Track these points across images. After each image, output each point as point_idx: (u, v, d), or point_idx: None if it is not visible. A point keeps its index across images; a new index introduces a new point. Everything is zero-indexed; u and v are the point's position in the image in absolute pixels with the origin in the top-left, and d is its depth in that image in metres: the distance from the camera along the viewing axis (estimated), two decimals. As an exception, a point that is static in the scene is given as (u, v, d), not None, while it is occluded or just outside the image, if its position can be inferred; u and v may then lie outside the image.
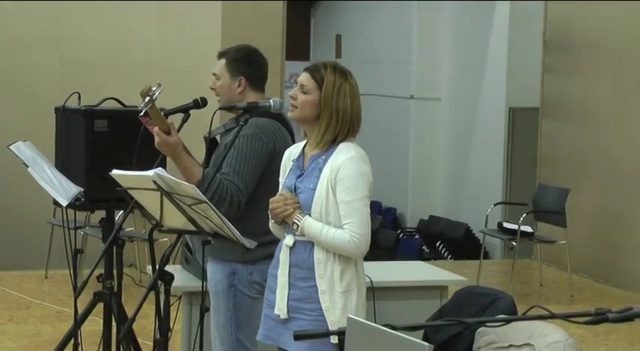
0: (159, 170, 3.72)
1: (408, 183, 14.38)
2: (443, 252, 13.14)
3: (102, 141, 4.72)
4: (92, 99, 4.92)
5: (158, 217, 3.89)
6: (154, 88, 4.07)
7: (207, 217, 3.75)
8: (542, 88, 10.88)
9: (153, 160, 4.17)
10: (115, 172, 3.93)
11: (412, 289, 5.48)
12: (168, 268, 3.98)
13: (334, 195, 3.77)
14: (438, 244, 13.27)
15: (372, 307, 4.78)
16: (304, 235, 3.81)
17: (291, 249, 3.86)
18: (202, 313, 4.10)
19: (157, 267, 3.92)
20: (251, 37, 5.44)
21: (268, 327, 3.96)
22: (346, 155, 3.80)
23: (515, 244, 9.17)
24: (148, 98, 4.05)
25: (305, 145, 3.97)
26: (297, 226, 3.80)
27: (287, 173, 3.97)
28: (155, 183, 3.70)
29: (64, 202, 4.60)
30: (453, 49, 13.95)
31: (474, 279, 8.73)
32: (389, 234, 13.43)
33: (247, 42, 4.68)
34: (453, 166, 13.93)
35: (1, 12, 9.58)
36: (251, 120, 4.26)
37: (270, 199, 3.90)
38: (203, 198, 3.67)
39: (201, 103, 4.27)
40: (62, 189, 4.65)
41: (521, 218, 9.08)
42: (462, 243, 12.89)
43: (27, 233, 9.41)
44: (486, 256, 11.15)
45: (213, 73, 4.54)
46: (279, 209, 3.83)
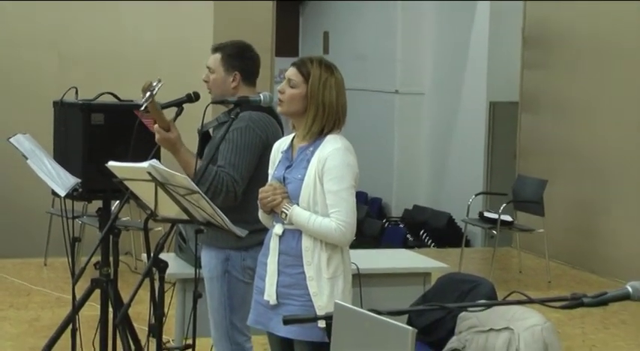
0: (153, 162, 3.72)
1: (392, 174, 14.38)
2: (426, 240, 13.14)
3: (98, 134, 4.71)
4: (89, 94, 4.91)
5: (153, 207, 3.90)
6: (155, 84, 4.06)
7: (199, 207, 3.75)
8: (522, 83, 10.90)
9: (148, 152, 4.16)
10: (111, 163, 3.93)
11: (397, 275, 5.49)
12: (163, 255, 3.98)
13: (321, 185, 3.77)
14: (421, 232, 13.26)
15: (358, 293, 4.79)
16: (292, 224, 3.81)
17: (281, 237, 3.85)
18: (195, 299, 4.10)
19: (152, 255, 3.92)
20: (242, 35, 5.41)
21: (258, 312, 3.95)
22: (333, 146, 3.80)
23: (495, 232, 9.18)
24: (148, 93, 4.04)
25: (293, 137, 3.97)
26: (286, 214, 3.80)
27: (276, 164, 3.97)
28: (150, 174, 3.70)
29: (62, 193, 4.59)
30: (436, 46, 13.95)
31: (455, 266, 8.74)
32: (374, 223, 13.42)
33: (239, 39, 4.67)
34: (436, 157, 13.93)
35: (1, 10, 9.55)
36: (244, 113, 4.26)
37: (260, 189, 3.90)
38: (196, 188, 3.67)
39: (194, 97, 4.26)
40: (60, 180, 4.64)
41: (501, 208, 9.10)
42: (445, 232, 12.89)
43: (27, 223, 9.40)
44: (468, 244, 11.16)
45: (208, 67, 4.53)
46: (269, 199, 3.83)
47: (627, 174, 9.22)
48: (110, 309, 4.58)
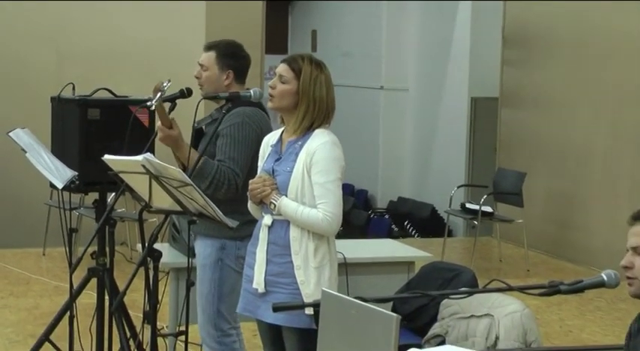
0: (147, 155, 3.71)
1: (378, 167, 14.37)
2: (410, 230, 13.14)
3: (95, 128, 4.71)
4: (86, 90, 4.91)
5: (147, 199, 3.89)
6: (165, 84, 4.07)
7: (192, 199, 3.74)
8: (502, 79, 10.91)
9: (142, 146, 4.15)
10: (107, 157, 3.92)
11: (382, 264, 5.48)
12: (157, 245, 3.97)
13: (309, 177, 3.77)
14: (405, 223, 13.27)
15: (344, 281, 4.79)
16: (281, 215, 3.80)
17: (270, 228, 3.85)
18: (188, 287, 4.10)
19: (147, 245, 3.92)
20: (233, 33, 5.40)
21: (247, 300, 3.95)
22: (321, 140, 3.79)
23: (476, 223, 9.20)
24: (160, 93, 4.05)
25: (282, 131, 3.96)
26: (275, 205, 3.79)
27: (265, 158, 3.96)
28: (144, 167, 3.69)
29: (60, 185, 4.58)
30: (420, 44, 13.94)
31: (438, 255, 8.75)
32: (361, 214, 13.43)
33: (230, 37, 4.67)
34: (419, 151, 13.93)
35: (0, 8, 9.50)
36: (239, 109, 4.27)
37: (250, 181, 3.90)
38: (188, 181, 3.67)
39: (186, 92, 4.25)
40: (58, 173, 4.62)
41: (482, 199, 9.11)
42: (428, 222, 12.90)
43: (26, 214, 9.38)
44: (450, 234, 11.16)
45: (201, 64, 4.52)
46: (258, 190, 3.83)
47: (602, 167, 9.24)
48: (106, 297, 4.57)
